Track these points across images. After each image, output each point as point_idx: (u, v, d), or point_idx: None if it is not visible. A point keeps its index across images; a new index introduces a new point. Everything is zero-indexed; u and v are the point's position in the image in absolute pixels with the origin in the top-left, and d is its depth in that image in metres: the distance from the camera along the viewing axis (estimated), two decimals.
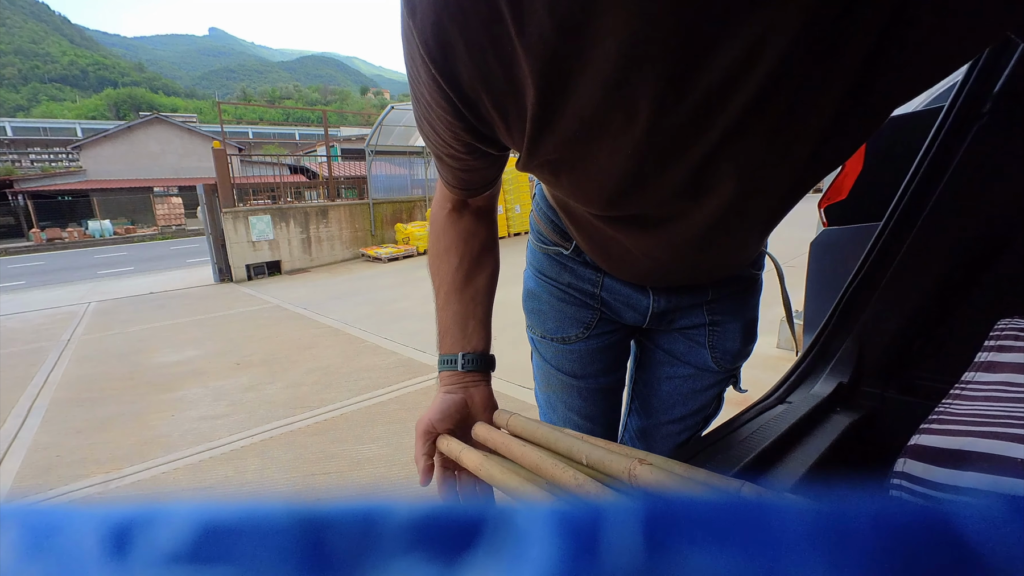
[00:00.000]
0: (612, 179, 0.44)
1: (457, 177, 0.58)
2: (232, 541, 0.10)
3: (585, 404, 0.83)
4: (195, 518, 0.10)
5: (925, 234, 0.79)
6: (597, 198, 0.48)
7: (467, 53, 0.37)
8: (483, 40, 0.36)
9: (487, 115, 0.42)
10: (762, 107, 0.36)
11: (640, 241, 0.57)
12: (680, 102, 0.36)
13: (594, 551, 0.10)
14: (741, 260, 0.69)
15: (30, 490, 2.13)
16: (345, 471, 2.11)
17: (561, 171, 0.46)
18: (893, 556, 0.11)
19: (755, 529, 0.12)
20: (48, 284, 9.07)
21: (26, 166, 36.77)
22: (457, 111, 0.42)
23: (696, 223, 0.50)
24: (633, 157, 0.41)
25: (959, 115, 0.74)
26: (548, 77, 0.36)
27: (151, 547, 0.10)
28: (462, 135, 0.45)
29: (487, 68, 0.38)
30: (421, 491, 0.64)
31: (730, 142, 0.39)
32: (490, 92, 0.40)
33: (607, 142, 0.40)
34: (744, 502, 0.13)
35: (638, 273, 0.69)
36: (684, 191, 0.45)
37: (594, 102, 0.37)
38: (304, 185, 10.61)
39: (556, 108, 0.39)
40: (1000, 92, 0.70)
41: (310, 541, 0.10)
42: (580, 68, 0.35)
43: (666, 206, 0.49)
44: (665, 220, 0.51)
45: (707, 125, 0.38)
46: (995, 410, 0.52)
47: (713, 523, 0.11)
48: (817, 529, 0.12)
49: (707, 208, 0.47)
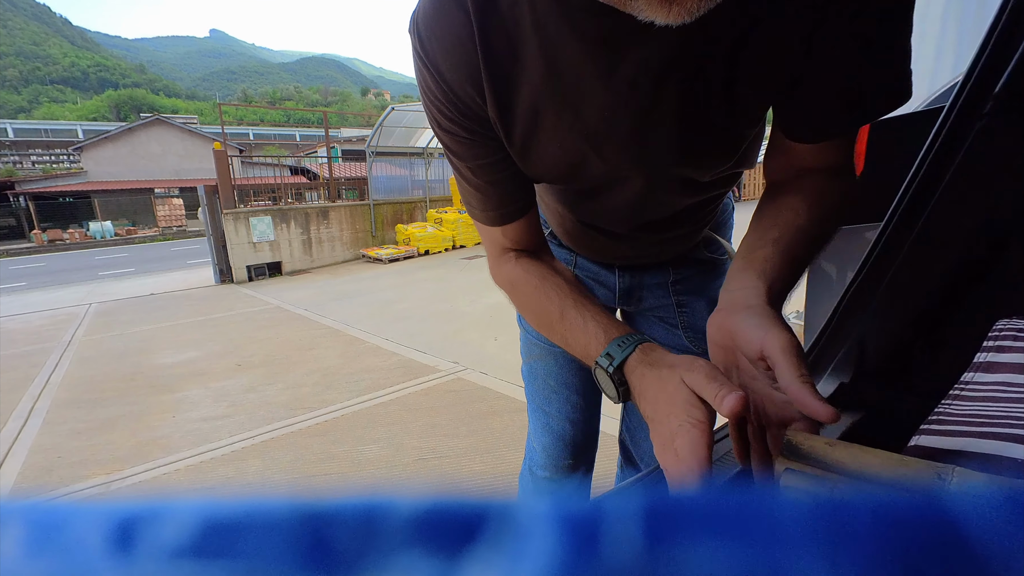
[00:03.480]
0: (564, 158, 0.58)
1: (488, 198, 0.63)
2: (236, 536, 0.10)
3: (563, 371, 0.93)
4: (199, 513, 0.10)
5: (925, 234, 0.79)
6: (555, 171, 0.61)
7: (458, 82, 0.54)
8: (464, 78, 0.53)
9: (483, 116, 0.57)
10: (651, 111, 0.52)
11: (590, 211, 0.71)
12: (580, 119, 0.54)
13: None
14: (685, 240, 0.79)
15: (31, 492, 2.13)
16: (346, 472, 2.11)
17: (528, 155, 0.59)
18: (894, 555, 0.11)
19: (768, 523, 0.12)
20: (49, 285, 9.08)
21: (27, 167, 36.83)
22: (458, 111, 0.56)
23: (628, 194, 0.63)
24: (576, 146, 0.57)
25: (959, 115, 0.74)
26: (499, 99, 0.54)
27: (155, 543, 0.10)
28: (473, 128, 0.57)
29: (468, 94, 0.54)
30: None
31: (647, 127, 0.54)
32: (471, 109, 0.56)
33: (553, 134, 0.56)
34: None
35: (602, 251, 0.82)
36: (604, 179, 0.61)
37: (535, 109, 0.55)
38: (305, 186, 10.61)
39: (508, 114, 0.56)
40: (1000, 92, 0.71)
41: (314, 536, 0.10)
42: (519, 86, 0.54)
43: (593, 185, 0.63)
44: (604, 190, 0.64)
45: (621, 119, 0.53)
46: (994, 410, 0.52)
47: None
48: (819, 528, 0.12)
49: (633, 183, 0.61)
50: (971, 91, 0.74)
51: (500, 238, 0.66)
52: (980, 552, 0.12)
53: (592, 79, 0.50)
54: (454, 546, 0.10)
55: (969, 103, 0.74)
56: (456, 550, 0.10)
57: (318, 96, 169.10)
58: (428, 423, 2.49)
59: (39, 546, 0.10)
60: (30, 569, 0.10)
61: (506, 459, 2.17)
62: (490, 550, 0.10)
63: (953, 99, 0.77)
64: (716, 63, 0.48)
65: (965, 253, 0.78)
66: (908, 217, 0.82)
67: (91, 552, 0.10)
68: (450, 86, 0.54)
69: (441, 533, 0.11)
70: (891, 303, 0.85)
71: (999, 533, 0.12)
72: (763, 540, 0.12)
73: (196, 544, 0.10)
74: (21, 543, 0.10)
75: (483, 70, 0.52)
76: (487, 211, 0.63)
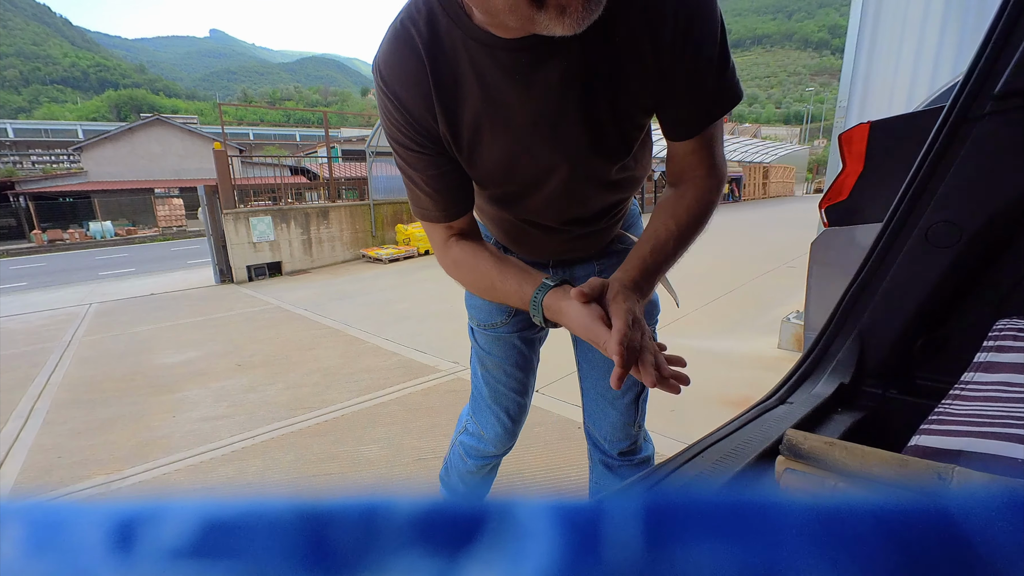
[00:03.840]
0: (502, 160, 0.75)
1: (437, 202, 0.78)
2: (236, 536, 0.10)
3: (512, 353, 1.11)
4: (199, 513, 0.10)
5: (925, 234, 0.79)
6: (496, 171, 0.77)
7: (416, 109, 0.71)
8: (421, 105, 0.70)
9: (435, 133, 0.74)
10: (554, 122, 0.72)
11: (528, 208, 0.86)
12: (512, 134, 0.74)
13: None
14: (604, 235, 0.96)
15: (31, 491, 2.13)
16: (346, 472, 2.11)
17: (473, 163, 0.76)
18: (895, 555, 0.11)
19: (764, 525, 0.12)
20: (49, 285, 9.08)
21: (27, 168, 36.80)
22: (415, 131, 0.73)
23: (554, 186, 0.79)
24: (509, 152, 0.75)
25: (959, 115, 0.74)
26: (450, 123, 0.72)
27: (155, 542, 0.10)
28: (426, 144, 0.74)
29: (424, 115, 0.71)
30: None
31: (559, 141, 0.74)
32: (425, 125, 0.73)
33: (492, 145, 0.74)
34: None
35: (539, 247, 0.97)
36: (535, 173, 0.77)
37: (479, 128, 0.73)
38: (305, 186, 10.61)
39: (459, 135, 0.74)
40: (1000, 92, 0.71)
41: (314, 536, 0.10)
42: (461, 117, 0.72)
43: (529, 180, 0.79)
44: (535, 187, 0.80)
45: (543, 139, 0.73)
46: (994, 410, 0.52)
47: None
48: (819, 528, 0.12)
49: (558, 175, 0.78)
50: (971, 91, 0.74)
51: (445, 230, 0.82)
52: (980, 552, 0.11)
53: (515, 96, 0.68)
54: (453, 546, 0.10)
55: (969, 103, 0.74)
56: (455, 550, 0.10)
57: (318, 96, 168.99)
58: (428, 423, 2.49)
59: (39, 546, 0.10)
60: (30, 569, 0.10)
61: (506, 459, 2.17)
62: (489, 550, 0.10)
63: (953, 99, 0.77)
64: (601, 80, 0.67)
65: (965, 252, 0.78)
66: (908, 217, 0.82)
67: (91, 552, 0.10)
68: (410, 112, 0.71)
69: (440, 533, 0.11)
70: (891, 302, 0.85)
71: (999, 533, 0.12)
72: (763, 540, 0.12)
73: (196, 544, 0.10)
74: (21, 543, 0.10)
75: (434, 97, 0.69)
76: (437, 211, 0.79)
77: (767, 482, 0.56)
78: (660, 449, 2.17)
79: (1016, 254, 0.77)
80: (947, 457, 0.48)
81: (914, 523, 0.12)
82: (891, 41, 3.06)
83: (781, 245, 7.86)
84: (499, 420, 1.17)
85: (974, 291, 0.82)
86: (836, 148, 2.32)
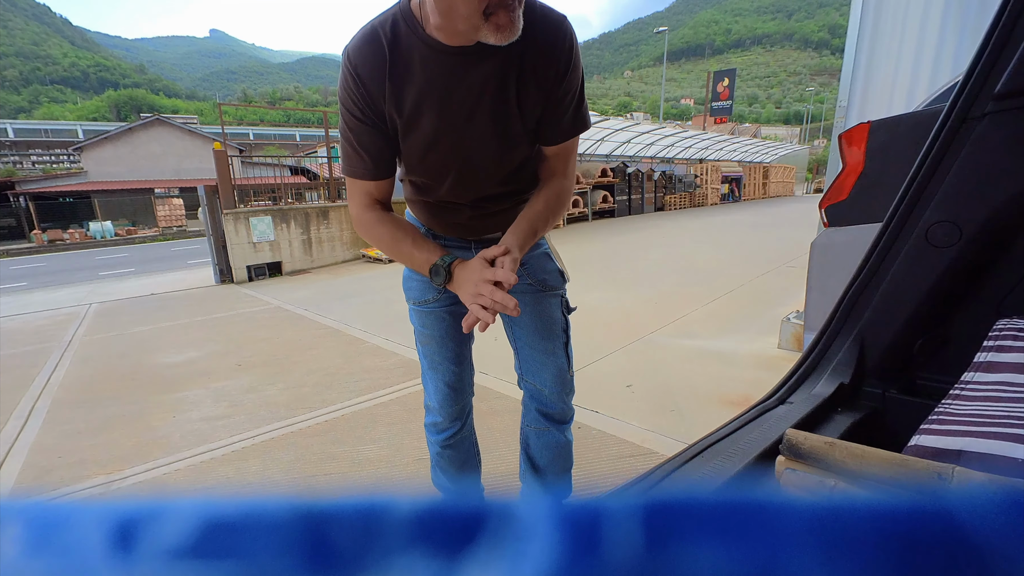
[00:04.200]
0: (431, 136, 0.99)
1: (366, 160, 1.02)
2: (236, 536, 0.10)
3: (443, 326, 1.29)
4: (199, 513, 0.10)
5: (925, 234, 0.79)
6: (424, 145, 1.01)
7: (371, 86, 0.95)
8: (376, 83, 0.94)
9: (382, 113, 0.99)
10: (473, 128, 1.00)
11: (447, 188, 1.09)
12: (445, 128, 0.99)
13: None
14: (508, 215, 1.13)
15: (31, 491, 2.13)
16: (346, 472, 2.11)
17: (409, 143, 1.02)
18: (895, 555, 0.11)
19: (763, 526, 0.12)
20: (49, 285, 9.09)
21: (27, 168, 36.77)
22: (366, 104, 0.97)
23: (469, 166, 1.05)
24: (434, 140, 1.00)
25: (959, 115, 0.74)
26: (395, 109, 0.97)
27: (155, 542, 0.10)
28: (370, 115, 0.98)
29: (379, 101, 0.97)
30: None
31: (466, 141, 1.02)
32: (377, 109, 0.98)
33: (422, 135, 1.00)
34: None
35: (460, 225, 1.20)
36: (454, 148, 1.01)
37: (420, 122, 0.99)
38: (305, 186, 10.60)
39: (402, 121, 0.99)
40: (1000, 92, 0.71)
41: (314, 536, 0.10)
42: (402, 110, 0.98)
43: (448, 152, 1.02)
44: (453, 166, 1.05)
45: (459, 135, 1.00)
46: (994, 410, 0.52)
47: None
48: (819, 528, 0.12)
49: (471, 158, 1.03)
50: (971, 91, 0.74)
51: (367, 193, 1.06)
52: (980, 552, 0.11)
53: (449, 86, 0.94)
54: (453, 546, 0.10)
55: (969, 103, 0.74)
56: (455, 550, 0.10)
57: (318, 96, 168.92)
58: None
59: (39, 546, 0.10)
60: (30, 569, 0.10)
61: (506, 459, 2.17)
62: (489, 550, 0.10)
63: (953, 99, 0.77)
64: (511, 86, 0.95)
65: (965, 252, 0.78)
66: (908, 217, 0.82)
67: (91, 552, 0.10)
68: (366, 87, 0.94)
69: (440, 533, 0.11)
70: (891, 302, 0.85)
71: (999, 533, 0.12)
72: (763, 540, 0.12)
73: (196, 544, 0.10)
74: (21, 543, 0.10)
75: (387, 82, 0.94)
76: (363, 169, 1.02)
77: (767, 482, 0.56)
78: (660, 449, 2.17)
79: (1016, 254, 0.77)
80: (947, 457, 0.48)
81: (914, 523, 0.12)
82: (891, 41, 3.06)
83: (781, 245, 7.87)
84: (439, 389, 1.34)
85: (974, 291, 0.82)
86: (836, 148, 2.32)
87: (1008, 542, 0.12)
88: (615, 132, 14.20)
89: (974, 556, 0.12)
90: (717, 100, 34.04)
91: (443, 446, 1.41)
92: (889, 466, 0.39)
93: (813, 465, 0.45)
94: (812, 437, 0.45)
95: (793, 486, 0.43)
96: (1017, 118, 0.70)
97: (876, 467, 0.40)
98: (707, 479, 0.53)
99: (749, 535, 0.12)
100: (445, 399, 1.34)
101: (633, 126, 14.74)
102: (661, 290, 5.13)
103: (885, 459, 0.40)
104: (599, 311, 4.42)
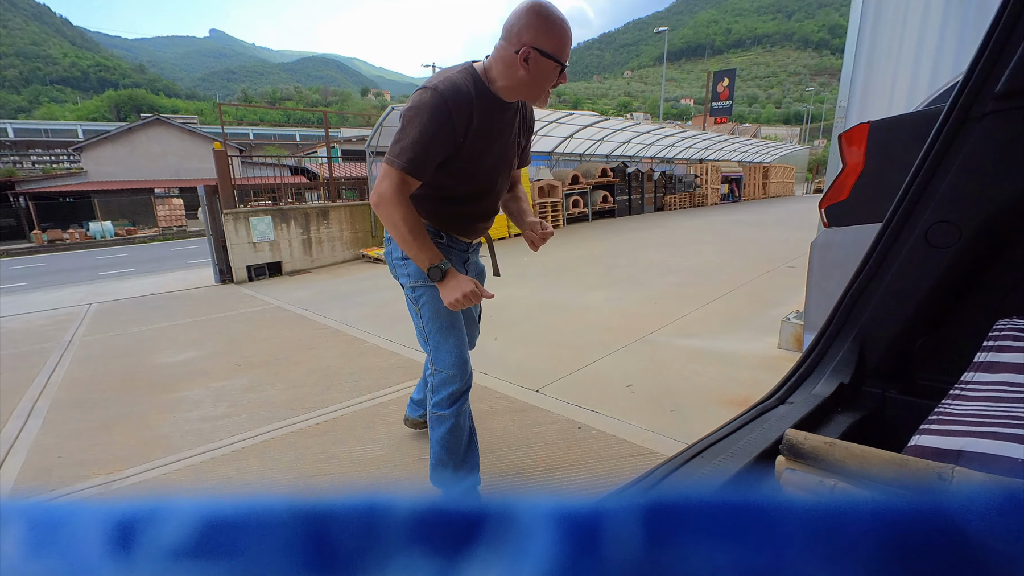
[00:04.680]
0: (482, 162, 1.52)
1: (428, 157, 1.37)
2: (236, 536, 0.10)
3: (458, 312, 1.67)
4: (199, 513, 0.10)
5: (925, 234, 0.79)
6: (478, 168, 1.52)
7: (458, 119, 1.40)
8: (462, 119, 1.40)
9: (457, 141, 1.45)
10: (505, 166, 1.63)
11: (481, 204, 1.61)
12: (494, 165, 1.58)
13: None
14: (488, 225, 1.69)
15: (31, 491, 2.13)
16: (346, 472, 2.11)
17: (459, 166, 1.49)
18: (895, 555, 0.11)
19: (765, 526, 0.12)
20: (49, 285, 9.08)
21: (27, 168, 36.74)
22: (450, 128, 1.39)
23: (496, 188, 1.62)
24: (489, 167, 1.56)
25: (959, 115, 0.74)
26: (460, 142, 1.44)
27: (155, 542, 0.10)
28: (446, 136, 1.39)
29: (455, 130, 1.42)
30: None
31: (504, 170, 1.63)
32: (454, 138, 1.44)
33: (482, 164, 1.54)
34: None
35: (471, 231, 1.66)
36: (495, 168, 1.57)
37: (476, 152, 1.51)
38: (305, 186, 10.60)
39: (461, 148, 1.46)
40: (1000, 92, 0.71)
41: (314, 536, 0.10)
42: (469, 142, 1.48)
43: (492, 172, 1.56)
44: (489, 185, 1.58)
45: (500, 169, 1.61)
46: (994, 410, 0.52)
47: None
48: (819, 528, 0.12)
49: (501, 180, 1.63)
50: (971, 91, 0.74)
51: (410, 186, 1.38)
52: (980, 551, 0.11)
53: (498, 126, 1.48)
54: (453, 546, 0.10)
55: (970, 103, 0.74)
56: (455, 550, 0.10)
57: (318, 96, 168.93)
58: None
59: (39, 545, 0.10)
60: (30, 568, 0.10)
61: (506, 459, 2.17)
62: (489, 550, 0.10)
63: (953, 99, 0.77)
64: (518, 126, 1.57)
65: (965, 252, 0.78)
66: (908, 217, 0.82)
67: (91, 552, 0.10)
68: (454, 122, 1.36)
69: (440, 533, 0.11)
70: (891, 302, 0.85)
71: (999, 533, 0.12)
72: (763, 540, 0.12)
73: (196, 543, 0.10)
74: (21, 543, 0.10)
75: (468, 119, 1.38)
76: (424, 172, 1.38)
77: (767, 482, 0.56)
78: (660, 449, 2.17)
79: (1016, 254, 0.77)
80: (947, 457, 0.48)
81: (914, 523, 0.12)
82: (891, 41, 3.06)
83: (781, 245, 7.87)
84: (458, 347, 1.60)
85: (974, 291, 0.82)
86: (836, 148, 2.32)
87: (1008, 542, 0.12)
88: (615, 132, 14.20)
89: (974, 556, 0.12)
90: (717, 100, 34.03)
91: (459, 412, 1.62)
92: (889, 466, 0.39)
93: (813, 465, 0.45)
94: (812, 437, 0.45)
95: (793, 486, 0.43)
96: (1018, 118, 0.70)
97: (876, 467, 0.40)
98: (707, 479, 0.53)
99: (749, 535, 0.12)
100: (461, 357, 1.60)
101: (633, 126, 14.74)
102: (661, 290, 5.13)
103: (885, 459, 0.40)
104: (599, 311, 4.42)
